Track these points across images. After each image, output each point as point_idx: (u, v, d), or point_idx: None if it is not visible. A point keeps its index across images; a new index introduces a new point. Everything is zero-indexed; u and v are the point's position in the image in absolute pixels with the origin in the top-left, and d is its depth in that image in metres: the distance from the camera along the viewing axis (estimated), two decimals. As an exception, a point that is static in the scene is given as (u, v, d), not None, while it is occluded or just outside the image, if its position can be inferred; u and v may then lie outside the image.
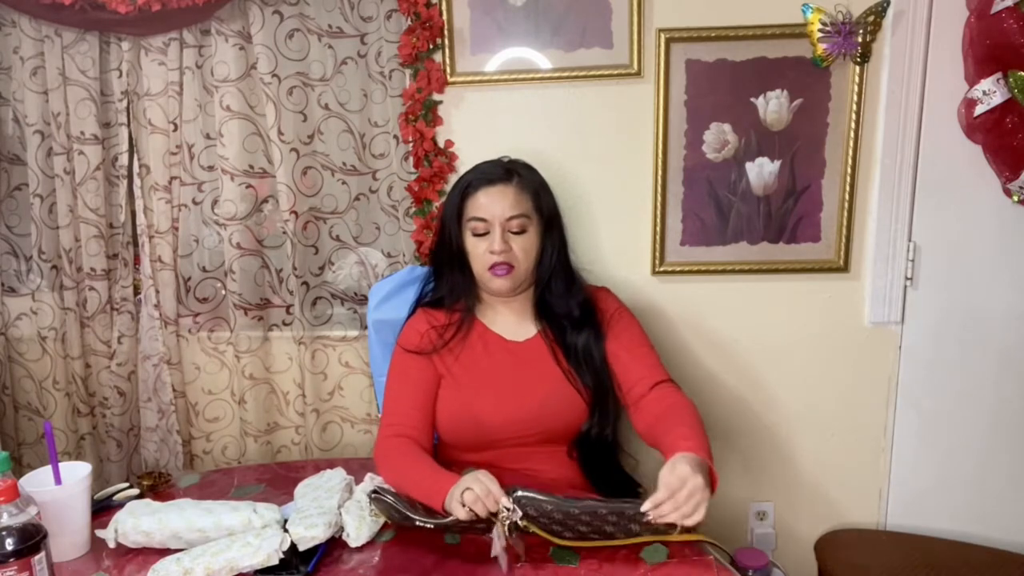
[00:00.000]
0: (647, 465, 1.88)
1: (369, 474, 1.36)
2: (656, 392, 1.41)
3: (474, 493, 1.13)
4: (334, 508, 1.23)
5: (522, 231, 1.43)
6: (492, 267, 1.42)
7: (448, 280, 1.52)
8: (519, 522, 1.13)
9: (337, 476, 1.34)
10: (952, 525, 1.85)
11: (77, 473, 1.20)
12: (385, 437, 1.42)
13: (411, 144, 1.76)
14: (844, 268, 1.77)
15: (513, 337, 1.51)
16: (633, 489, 1.59)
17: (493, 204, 1.42)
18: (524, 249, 1.43)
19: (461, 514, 1.14)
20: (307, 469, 1.48)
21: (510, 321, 1.52)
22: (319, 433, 1.93)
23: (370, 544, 1.20)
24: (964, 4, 1.61)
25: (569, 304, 1.49)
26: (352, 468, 1.41)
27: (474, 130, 1.77)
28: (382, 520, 1.26)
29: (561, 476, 1.47)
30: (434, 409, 1.45)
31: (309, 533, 1.15)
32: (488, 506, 1.13)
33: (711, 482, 1.17)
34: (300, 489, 1.31)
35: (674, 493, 1.11)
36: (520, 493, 1.14)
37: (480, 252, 1.43)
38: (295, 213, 1.83)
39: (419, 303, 1.57)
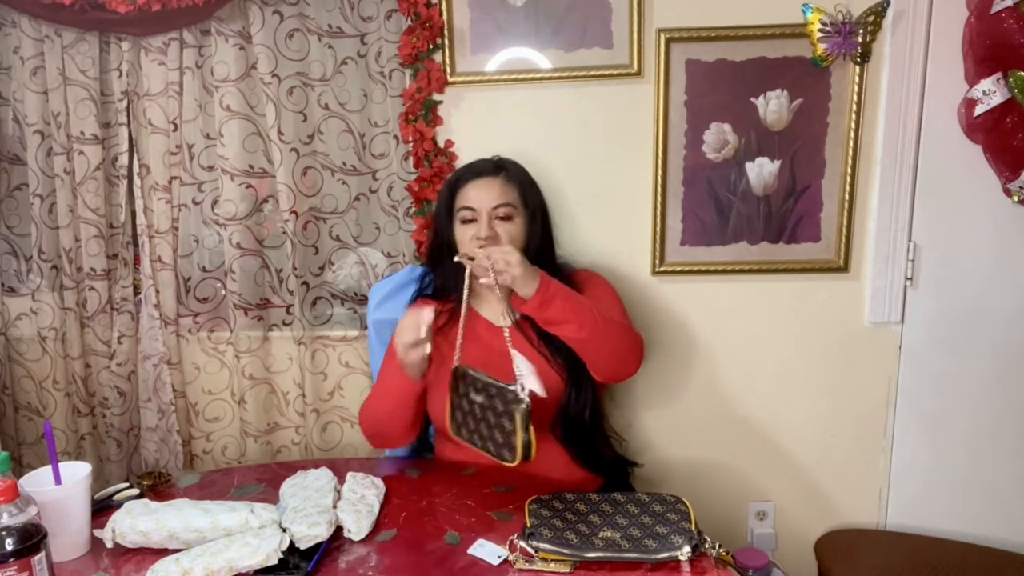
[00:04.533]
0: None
1: (350, 473, 1.36)
2: None
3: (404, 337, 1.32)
4: (330, 506, 1.23)
5: (508, 218, 1.49)
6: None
7: (441, 272, 1.58)
8: (534, 550, 1.12)
9: (324, 476, 1.34)
10: (952, 525, 1.85)
11: (77, 473, 1.19)
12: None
13: (411, 144, 1.76)
14: (844, 268, 1.77)
15: (499, 322, 1.54)
16: (623, 468, 1.63)
17: (480, 195, 1.49)
18: (510, 235, 1.49)
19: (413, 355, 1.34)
20: (307, 469, 1.47)
21: (496, 308, 1.55)
22: (319, 433, 1.93)
23: (370, 543, 1.20)
24: (964, 4, 1.61)
25: None
26: (353, 468, 1.41)
27: (474, 130, 1.77)
28: (377, 514, 1.26)
29: (548, 456, 1.46)
30: (423, 392, 1.45)
31: (313, 532, 1.15)
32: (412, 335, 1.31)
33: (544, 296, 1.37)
34: (287, 489, 1.31)
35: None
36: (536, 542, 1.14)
37: (467, 239, 1.48)
38: (295, 213, 1.83)
39: (418, 296, 1.62)
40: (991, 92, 1.55)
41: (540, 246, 1.54)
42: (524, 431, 1.21)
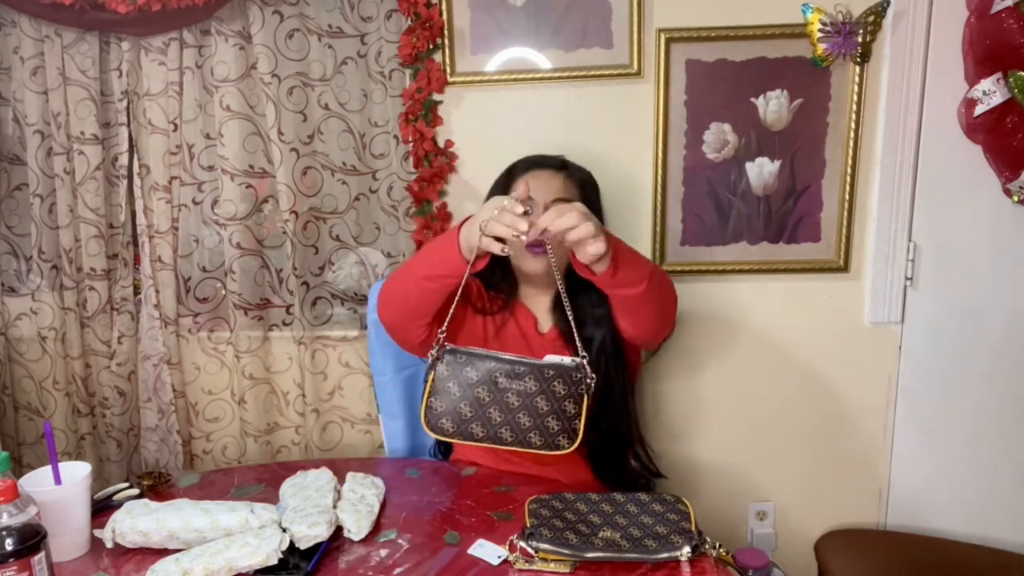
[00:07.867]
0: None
1: (350, 473, 1.36)
2: None
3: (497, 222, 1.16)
4: (330, 506, 1.23)
5: None
6: (529, 245, 1.41)
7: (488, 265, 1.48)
8: (534, 550, 1.11)
9: (324, 476, 1.33)
10: (952, 525, 1.85)
11: (77, 473, 1.19)
12: None
13: (411, 144, 1.76)
14: (844, 268, 1.77)
15: (541, 327, 1.52)
16: (648, 479, 1.57)
17: (540, 186, 1.43)
18: None
19: (495, 247, 1.18)
20: (307, 469, 1.47)
21: (542, 310, 1.53)
22: (319, 433, 1.93)
23: (370, 543, 1.20)
24: (964, 4, 1.61)
25: (596, 300, 1.43)
26: (353, 468, 1.41)
27: (474, 130, 1.77)
28: (377, 514, 1.26)
29: (569, 471, 1.45)
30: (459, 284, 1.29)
31: (312, 532, 1.15)
32: (508, 231, 1.16)
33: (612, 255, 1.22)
34: (287, 489, 1.31)
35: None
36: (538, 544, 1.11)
37: None
38: (295, 213, 1.83)
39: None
40: (991, 92, 1.55)
41: None
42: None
